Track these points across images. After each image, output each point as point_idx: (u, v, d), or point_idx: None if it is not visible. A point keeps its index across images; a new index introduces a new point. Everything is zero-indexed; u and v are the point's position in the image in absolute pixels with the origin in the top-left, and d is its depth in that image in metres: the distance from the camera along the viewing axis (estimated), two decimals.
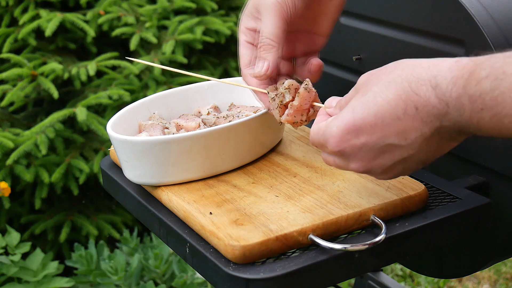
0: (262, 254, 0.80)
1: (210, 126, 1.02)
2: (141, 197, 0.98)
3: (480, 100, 0.66)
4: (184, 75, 2.27)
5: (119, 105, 2.16)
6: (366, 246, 0.80)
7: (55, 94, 2.09)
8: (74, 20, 2.24)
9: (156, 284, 2.06)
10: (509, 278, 2.41)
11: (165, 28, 2.43)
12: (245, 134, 0.96)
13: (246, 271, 0.78)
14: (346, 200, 0.88)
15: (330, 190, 0.91)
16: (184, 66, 2.33)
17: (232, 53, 2.55)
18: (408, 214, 0.90)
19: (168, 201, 0.93)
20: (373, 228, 0.87)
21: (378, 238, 0.81)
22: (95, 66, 2.16)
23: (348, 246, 0.80)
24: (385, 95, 0.72)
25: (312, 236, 0.82)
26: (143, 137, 0.95)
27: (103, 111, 2.24)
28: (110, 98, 2.13)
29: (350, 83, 1.20)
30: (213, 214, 0.86)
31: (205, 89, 1.11)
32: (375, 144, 0.74)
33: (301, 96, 0.87)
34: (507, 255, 1.03)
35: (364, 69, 1.17)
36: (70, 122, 2.18)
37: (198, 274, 2.03)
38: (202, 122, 1.04)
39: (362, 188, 0.91)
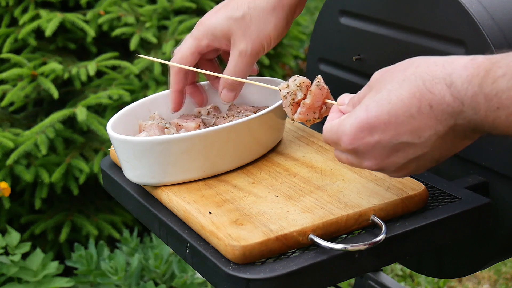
0: (262, 254, 0.80)
1: (210, 126, 1.02)
2: (141, 197, 0.98)
3: (496, 99, 0.66)
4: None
5: (119, 105, 2.16)
6: (366, 246, 0.80)
7: (55, 94, 2.09)
8: (74, 20, 2.24)
9: (156, 284, 2.06)
10: (509, 278, 2.41)
11: (165, 28, 2.43)
12: (245, 134, 0.96)
13: (246, 271, 0.78)
14: (346, 200, 0.88)
15: (330, 190, 0.91)
16: None
17: None
18: (408, 214, 0.90)
19: (168, 201, 0.93)
20: (373, 228, 0.87)
21: (378, 238, 0.81)
22: (95, 66, 2.16)
23: (348, 246, 0.80)
24: (399, 93, 0.72)
25: (312, 236, 0.82)
26: (143, 137, 0.95)
27: (103, 111, 2.24)
28: (110, 98, 2.13)
29: (350, 83, 1.21)
30: (212, 213, 0.87)
31: (205, 89, 1.11)
32: (389, 142, 0.74)
33: (313, 93, 0.87)
34: (507, 255, 1.03)
35: (364, 69, 1.17)
36: (70, 122, 2.18)
37: (198, 274, 2.03)
38: (202, 122, 1.04)
39: (362, 188, 0.91)
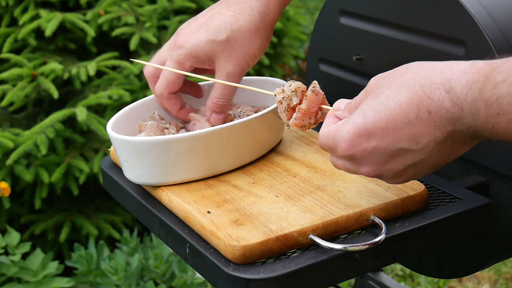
0: (262, 254, 0.80)
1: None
2: (141, 197, 0.98)
3: (496, 104, 0.65)
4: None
5: (119, 105, 2.16)
6: (366, 246, 0.80)
7: (55, 94, 2.09)
8: (74, 20, 2.24)
9: (156, 284, 2.06)
10: (509, 278, 2.41)
11: (165, 28, 2.43)
12: (245, 134, 0.96)
13: (246, 271, 0.78)
14: (346, 200, 0.88)
15: (330, 190, 0.91)
16: None
17: None
18: (408, 214, 0.90)
19: (168, 201, 0.93)
20: (373, 228, 0.87)
21: (378, 238, 0.81)
22: (95, 66, 2.16)
23: (348, 246, 0.80)
24: (397, 99, 0.71)
25: (312, 236, 0.82)
26: (143, 137, 0.95)
27: (103, 111, 2.24)
28: (110, 98, 2.13)
29: (350, 83, 1.21)
30: (211, 213, 0.87)
31: (205, 89, 1.11)
32: (387, 148, 0.73)
33: (308, 99, 0.86)
34: (507, 255, 1.03)
35: (364, 69, 1.17)
36: (70, 122, 2.18)
37: (198, 274, 2.03)
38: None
39: (362, 188, 0.91)
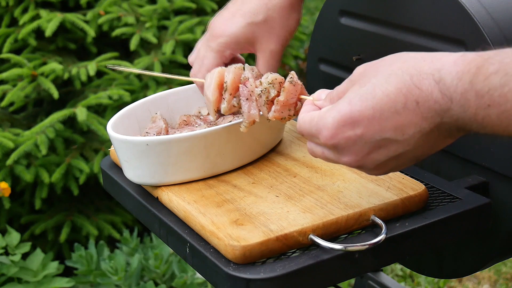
0: (262, 254, 0.80)
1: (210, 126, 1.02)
2: (141, 197, 0.98)
3: (488, 96, 0.64)
4: (184, 75, 2.27)
5: (119, 105, 2.16)
6: (366, 246, 0.80)
7: (55, 94, 2.09)
8: (74, 20, 2.24)
9: (156, 284, 2.06)
10: (509, 278, 2.41)
11: (165, 28, 2.43)
12: (245, 134, 0.96)
13: (246, 271, 0.78)
14: (346, 200, 0.88)
15: (330, 190, 0.91)
16: (184, 66, 2.33)
17: None
18: (408, 214, 0.90)
19: (168, 201, 0.93)
20: (373, 228, 0.87)
21: (378, 238, 0.81)
22: (95, 66, 2.16)
23: (348, 246, 0.80)
24: (384, 88, 0.70)
25: (312, 236, 0.82)
26: (143, 137, 0.95)
27: (103, 111, 2.24)
28: (110, 98, 2.13)
29: None
30: (211, 213, 0.86)
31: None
32: (371, 138, 0.72)
33: (286, 90, 0.85)
34: (507, 255, 1.03)
35: None
36: (70, 122, 2.18)
37: (198, 274, 2.03)
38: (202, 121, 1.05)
39: (362, 188, 0.91)
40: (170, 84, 2.27)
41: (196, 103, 1.11)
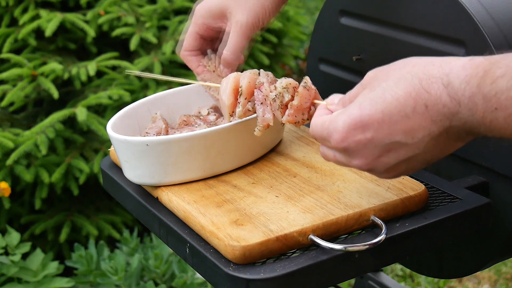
0: (262, 255, 0.80)
1: (210, 126, 1.02)
2: (141, 197, 0.98)
3: (495, 99, 0.65)
4: (184, 76, 2.27)
5: (119, 105, 2.16)
6: (366, 246, 0.80)
7: (55, 94, 2.09)
8: (74, 20, 2.24)
9: (156, 284, 2.06)
10: (509, 278, 2.41)
11: (165, 28, 2.43)
12: (245, 134, 0.96)
13: (246, 272, 0.78)
14: (346, 200, 0.88)
15: (330, 190, 0.91)
16: (184, 66, 2.33)
17: None
18: (408, 214, 0.90)
19: (168, 201, 0.93)
20: (373, 228, 0.87)
21: (378, 238, 0.81)
22: (95, 66, 2.16)
23: (348, 246, 0.80)
24: (394, 92, 0.71)
25: (312, 236, 0.82)
26: (143, 137, 0.96)
27: (103, 111, 2.24)
28: (110, 98, 2.13)
29: (350, 83, 1.21)
30: (211, 213, 0.86)
31: (205, 89, 1.11)
32: (381, 141, 0.73)
33: (300, 95, 0.86)
34: (507, 255, 1.03)
35: (364, 69, 1.17)
36: (70, 122, 2.18)
37: (198, 274, 2.03)
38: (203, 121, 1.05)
39: (362, 188, 0.91)
40: (170, 84, 2.27)
41: (196, 103, 1.11)
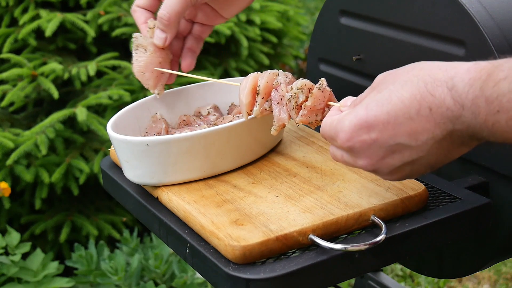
0: (262, 254, 0.80)
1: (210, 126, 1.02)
2: (141, 197, 0.98)
3: (497, 102, 0.65)
4: (184, 76, 2.27)
5: (119, 105, 2.16)
6: (366, 246, 0.80)
7: (55, 94, 2.09)
8: (74, 20, 2.24)
9: (156, 284, 2.06)
10: (509, 278, 2.41)
11: None
12: (245, 134, 0.96)
13: (246, 271, 0.78)
14: (346, 200, 0.88)
15: (330, 190, 0.91)
16: None
17: (232, 53, 2.55)
18: (408, 214, 0.90)
19: (168, 201, 0.93)
20: (373, 228, 0.87)
21: (378, 238, 0.81)
22: (95, 66, 2.16)
23: (348, 246, 0.80)
24: (400, 94, 0.72)
25: (312, 236, 0.82)
26: (143, 137, 0.96)
27: (103, 111, 2.24)
28: (110, 98, 2.13)
29: (350, 83, 1.21)
30: (211, 213, 0.86)
31: (205, 89, 1.11)
32: (385, 142, 0.74)
33: (314, 96, 0.87)
34: (507, 255, 1.04)
35: (364, 69, 1.17)
36: (70, 122, 2.18)
37: (198, 274, 2.03)
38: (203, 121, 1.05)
39: (362, 188, 0.91)
40: (170, 84, 2.26)
41: (196, 103, 1.11)
